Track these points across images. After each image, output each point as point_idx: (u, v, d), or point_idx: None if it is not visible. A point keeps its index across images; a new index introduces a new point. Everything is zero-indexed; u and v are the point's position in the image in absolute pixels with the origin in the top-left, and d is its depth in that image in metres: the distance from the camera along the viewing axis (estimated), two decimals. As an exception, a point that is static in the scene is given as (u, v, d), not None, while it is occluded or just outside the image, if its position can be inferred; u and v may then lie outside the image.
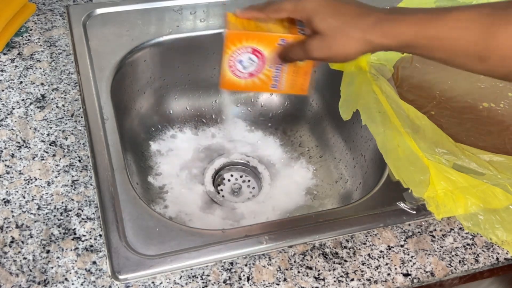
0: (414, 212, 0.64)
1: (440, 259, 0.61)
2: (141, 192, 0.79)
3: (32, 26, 0.81)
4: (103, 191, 0.61)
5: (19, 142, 0.66)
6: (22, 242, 0.57)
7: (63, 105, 0.71)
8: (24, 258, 0.56)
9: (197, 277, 0.56)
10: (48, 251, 0.56)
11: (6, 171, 0.63)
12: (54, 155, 0.65)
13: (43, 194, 0.61)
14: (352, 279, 0.58)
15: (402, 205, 0.64)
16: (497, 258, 0.62)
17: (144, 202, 0.61)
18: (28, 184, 0.62)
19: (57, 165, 0.64)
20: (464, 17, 0.50)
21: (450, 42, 0.51)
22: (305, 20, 0.57)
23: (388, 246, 0.61)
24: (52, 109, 0.70)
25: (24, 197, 0.61)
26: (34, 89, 0.72)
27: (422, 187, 0.65)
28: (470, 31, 0.50)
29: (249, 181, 0.89)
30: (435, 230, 0.64)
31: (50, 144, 0.66)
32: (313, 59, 0.58)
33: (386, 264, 0.60)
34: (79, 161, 0.65)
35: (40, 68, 0.75)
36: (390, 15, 0.54)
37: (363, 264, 0.59)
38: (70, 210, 0.60)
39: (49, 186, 0.62)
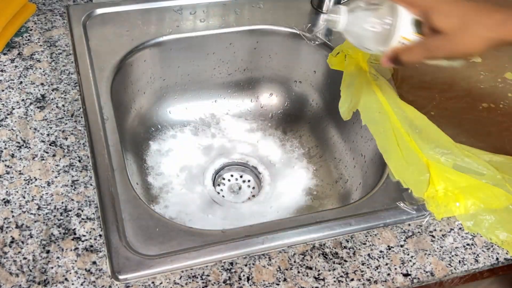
0: (414, 212, 0.64)
1: (440, 259, 0.61)
2: (141, 192, 0.79)
3: (32, 26, 0.81)
4: (103, 191, 0.61)
5: (19, 142, 0.66)
6: (22, 242, 0.57)
7: (63, 105, 0.71)
8: (24, 258, 0.56)
9: (197, 277, 0.56)
10: (48, 251, 0.56)
11: (6, 171, 0.63)
12: (54, 155, 0.65)
13: (43, 194, 0.61)
14: (352, 279, 0.58)
15: (402, 205, 0.64)
16: (497, 258, 0.62)
17: (144, 202, 0.61)
18: (28, 184, 0.62)
19: (57, 165, 0.64)
20: None
21: None
22: (422, 16, 0.55)
23: (388, 246, 0.61)
24: (52, 109, 0.70)
25: (24, 197, 0.61)
26: (34, 89, 0.72)
27: (422, 187, 0.65)
28: None
29: (249, 181, 0.89)
30: (435, 230, 0.64)
31: (50, 144, 0.66)
32: (436, 58, 0.56)
33: (386, 264, 0.60)
34: (79, 161, 0.65)
35: (40, 68, 0.75)
36: None
37: (363, 264, 0.59)
38: (70, 210, 0.60)
39: (49, 186, 0.62)
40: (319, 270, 0.58)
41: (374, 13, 0.58)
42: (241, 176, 0.89)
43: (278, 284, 0.57)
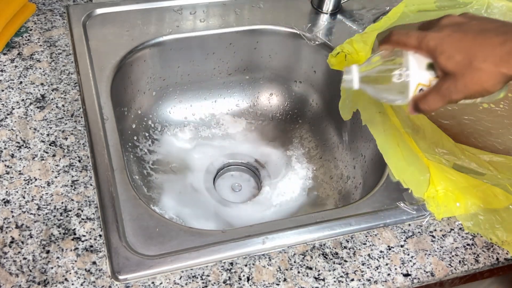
0: (414, 212, 0.64)
1: (440, 259, 0.61)
2: (141, 192, 0.79)
3: (32, 26, 0.81)
4: (103, 191, 0.61)
5: (19, 142, 0.66)
6: (22, 242, 0.57)
7: (63, 105, 0.71)
8: (24, 258, 0.56)
9: (197, 277, 0.56)
10: (48, 251, 0.56)
11: (6, 171, 0.63)
12: (54, 155, 0.65)
13: (43, 194, 0.61)
14: (352, 279, 0.58)
15: (402, 205, 0.64)
16: (497, 258, 0.62)
17: (144, 202, 0.61)
18: (28, 184, 0.62)
19: (57, 165, 0.64)
20: None
21: None
22: (431, 58, 0.52)
23: (388, 246, 0.61)
24: (52, 109, 0.70)
25: (24, 197, 0.61)
26: (34, 89, 0.72)
27: (422, 187, 0.65)
28: None
29: (249, 181, 0.89)
30: (435, 230, 0.64)
31: (50, 144, 0.66)
32: (454, 102, 0.53)
33: (386, 264, 0.60)
34: (79, 161, 0.65)
35: (40, 68, 0.75)
36: None
37: (363, 264, 0.59)
38: (70, 210, 0.60)
39: (49, 186, 0.62)
40: (319, 270, 0.58)
41: (388, 65, 0.56)
42: (241, 176, 0.89)
43: (278, 284, 0.56)
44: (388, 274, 0.59)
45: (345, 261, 0.59)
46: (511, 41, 0.48)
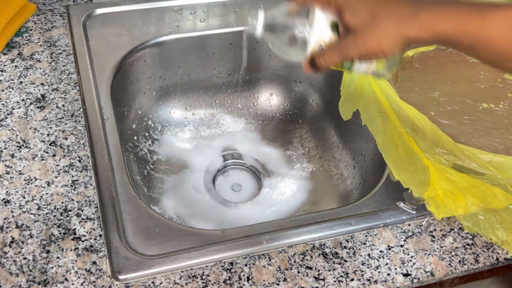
0: (414, 212, 0.64)
1: (440, 259, 0.61)
2: (141, 192, 0.79)
3: (32, 26, 0.81)
4: (103, 191, 0.61)
5: (19, 142, 0.66)
6: (22, 242, 0.57)
7: (63, 105, 0.71)
8: (24, 258, 0.56)
9: (197, 277, 0.56)
10: (48, 251, 0.56)
11: (6, 171, 0.63)
12: (54, 155, 0.65)
13: (43, 194, 0.61)
14: (352, 279, 0.58)
15: (402, 205, 0.64)
16: (497, 258, 0.62)
17: (144, 202, 0.61)
18: (28, 184, 0.62)
19: (57, 165, 0.64)
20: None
21: (494, 44, 0.46)
22: (337, 15, 0.52)
23: (388, 246, 0.61)
24: (52, 109, 0.70)
25: (24, 197, 0.61)
26: (34, 89, 0.72)
27: (422, 187, 0.65)
28: None
29: (249, 181, 0.89)
30: (435, 230, 0.64)
31: (50, 144, 0.66)
32: (349, 58, 0.53)
33: (386, 264, 0.60)
34: (79, 161, 0.65)
35: (40, 68, 0.75)
36: (430, 5, 0.48)
37: (363, 264, 0.59)
38: (70, 210, 0.60)
39: (49, 186, 0.62)
40: (319, 270, 0.58)
41: (294, 19, 0.55)
42: (241, 176, 0.89)
43: (278, 284, 0.57)
44: (388, 274, 0.59)
45: (345, 261, 0.59)
46: (417, 5, 0.48)
